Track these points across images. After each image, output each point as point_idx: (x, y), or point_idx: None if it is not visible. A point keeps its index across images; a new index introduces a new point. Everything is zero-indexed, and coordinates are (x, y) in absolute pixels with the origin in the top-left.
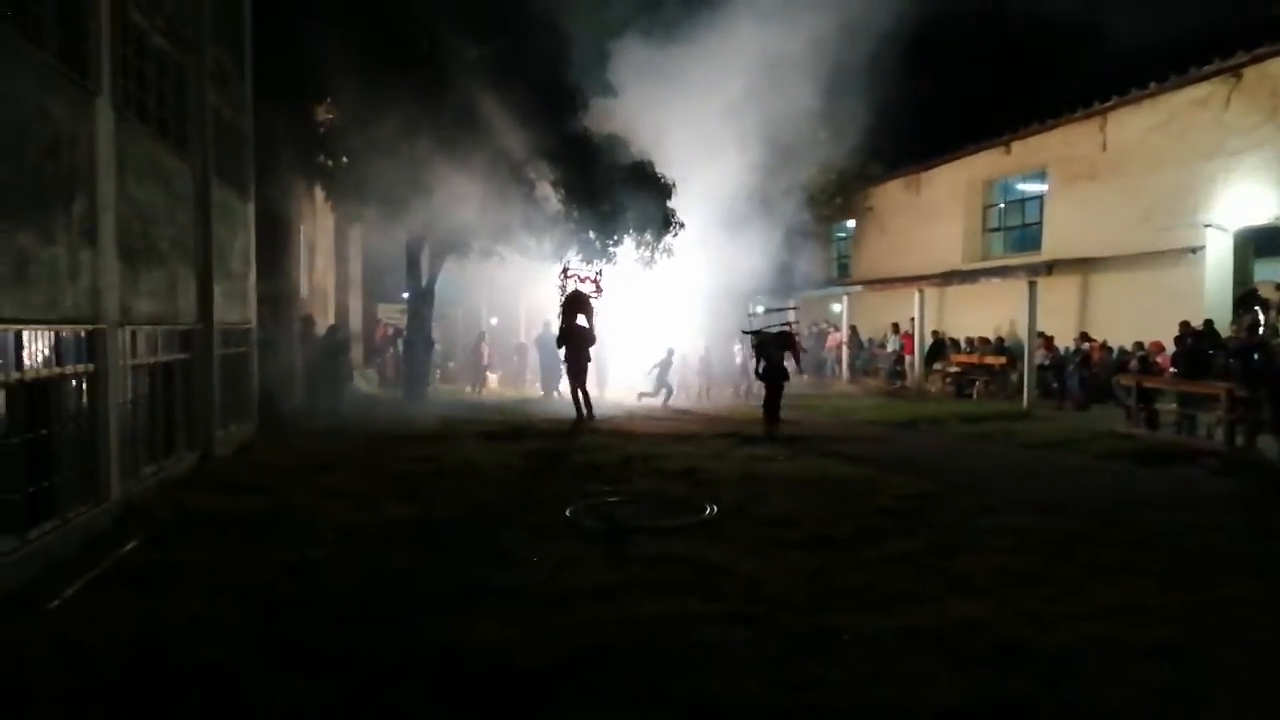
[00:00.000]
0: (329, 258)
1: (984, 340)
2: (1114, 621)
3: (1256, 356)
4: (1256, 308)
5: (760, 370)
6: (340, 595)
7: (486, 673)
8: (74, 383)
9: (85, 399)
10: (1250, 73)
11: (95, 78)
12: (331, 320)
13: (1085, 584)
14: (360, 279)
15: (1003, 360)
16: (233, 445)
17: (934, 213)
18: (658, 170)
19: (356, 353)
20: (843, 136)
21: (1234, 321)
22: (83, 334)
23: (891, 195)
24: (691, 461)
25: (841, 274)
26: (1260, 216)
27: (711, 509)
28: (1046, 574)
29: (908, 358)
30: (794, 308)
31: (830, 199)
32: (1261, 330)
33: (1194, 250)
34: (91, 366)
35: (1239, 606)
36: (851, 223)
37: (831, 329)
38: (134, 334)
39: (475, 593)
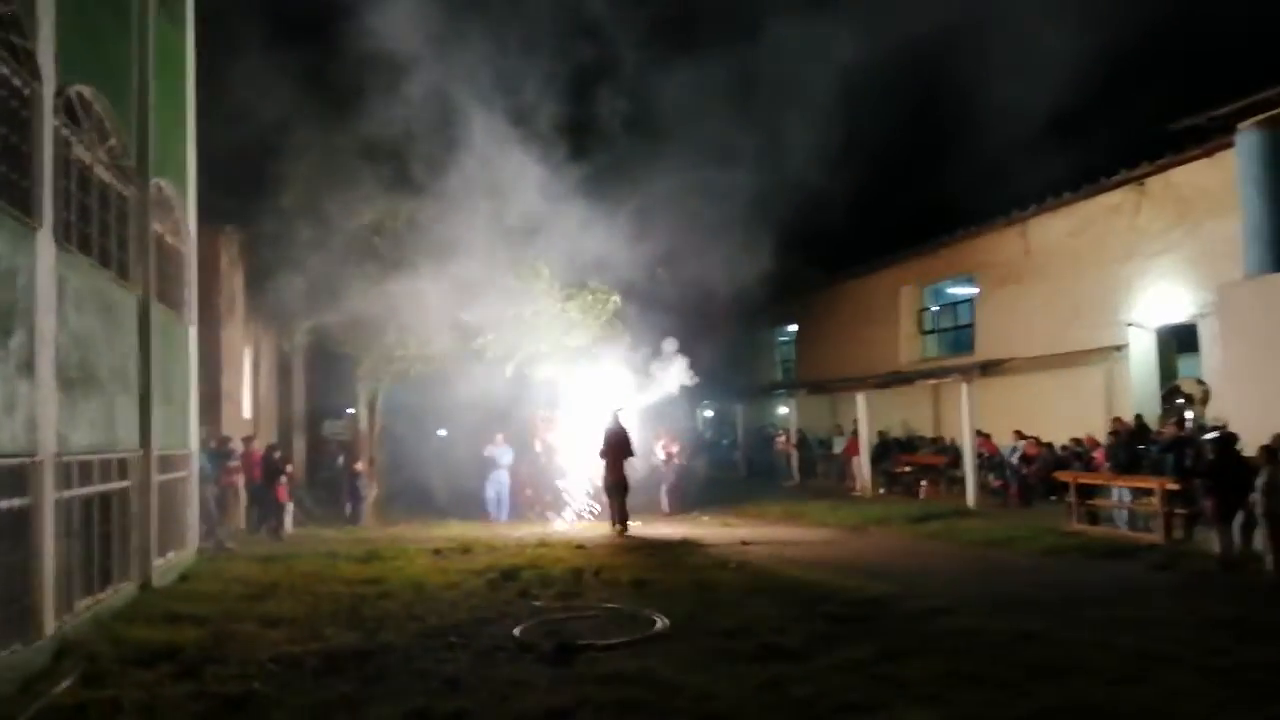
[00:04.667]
0: (270, 377)
1: (932, 440)
2: None
3: (1187, 451)
4: (1180, 401)
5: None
6: None
7: None
8: (8, 516)
9: (19, 533)
10: (1154, 182)
11: (38, 213)
12: (273, 440)
13: (1030, 685)
14: (304, 397)
15: (945, 459)
16: (172, 573)
17: (871, 317)
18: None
19: (299, 473)
20: (779, 244)
21: (1162, 417)
22: (18, 466)
23: (830, 299)
24: (640, 573)
25: (785, 376)
26: (1178, 315)
27: (663, 622)
28: (992, 675)
29: (854, 459)
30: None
31: (769, 305)
32: (1188, 425)
33: (1118, 348)
34: (27, 500)
35: (1183, 700)
36: (794, 327)
37: (780, 432)
38: (70, 465)
39: None
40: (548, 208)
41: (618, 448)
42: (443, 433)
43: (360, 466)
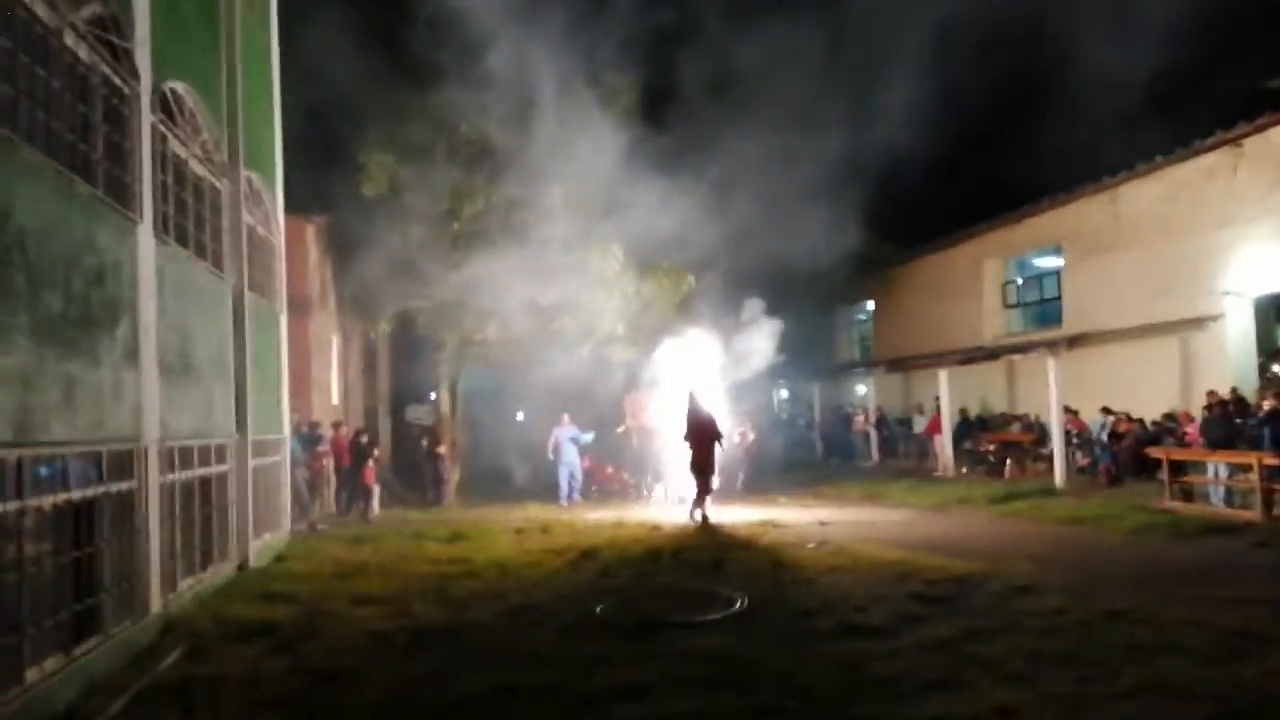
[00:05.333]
0: (357, 364)
1: (1014, 417)
2: (1148, 702)
3: None
4: (1277, 369)
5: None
6: (373, 702)
7: None
8: (116, 500)
9: (126, 515)
10: (1252, 143)
11: (137, 207)
12: (360, 425)
13: (1119, 665)
14: (389, 383)
15: (1032, 436)
16: (268, 554)
17: (953, 291)
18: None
19: (385, 456)
20: (858, 219)
21: (1260, 389)
22: (125, 452)
23: (910, 276)
24: (718, 553)
25: (863, 355)
26: (1278, 283)
27: (742, 601)
28: (1080, 655)
29: (936, 437)
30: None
31: (846, 282)
32: None
33: (1214, 319)
34: (134, 483)
35: (1277, 680)
36: (871, 304)
37: (858, 411)
38: (172, 450)
39: (507, 695)
40: (624, 182)
41: (700, 431)
42: (520, 416)
43: (442, 450)
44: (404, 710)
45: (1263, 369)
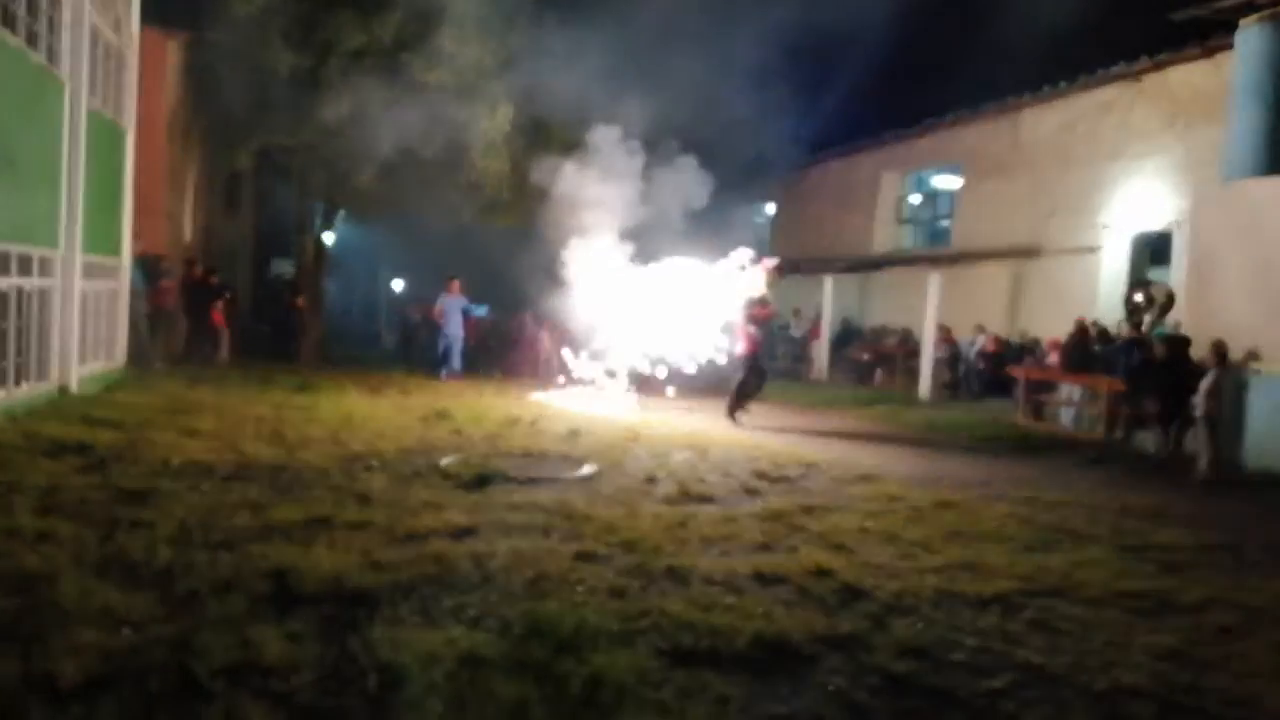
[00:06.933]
0: (218, 203)
1: (893, 330)
2: (957, 576)
3: (1138, 352)
4: (1141, 302)
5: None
6: (179, 522)
7: (316, 592)
8: None
9: None
10: (1151, 79)
11: None
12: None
13: (939, 545)
14: (253, 232)
15: (905, 349)
16: (96, 383)
17: (851, 201)
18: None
19: (244, 305)
20: (763, 117)
21: (1122, 320)
22: None
23: (811, 180)
24: (577, 422)
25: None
26: (1156, 222)
27: (592, 467)
28: (904, 535)
29: (814, 343)
30: None
31: (746, 180)
32: (1144, 327)
33: (1092, 250)
34: None
35: (1081, 569)
36: (771, 207)
37: None
38: None
39: (321, 526)
40: (520, 40)
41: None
42: (399, 283)
43: (300, 301)
44: (207, 531)
45: (1127, 299)
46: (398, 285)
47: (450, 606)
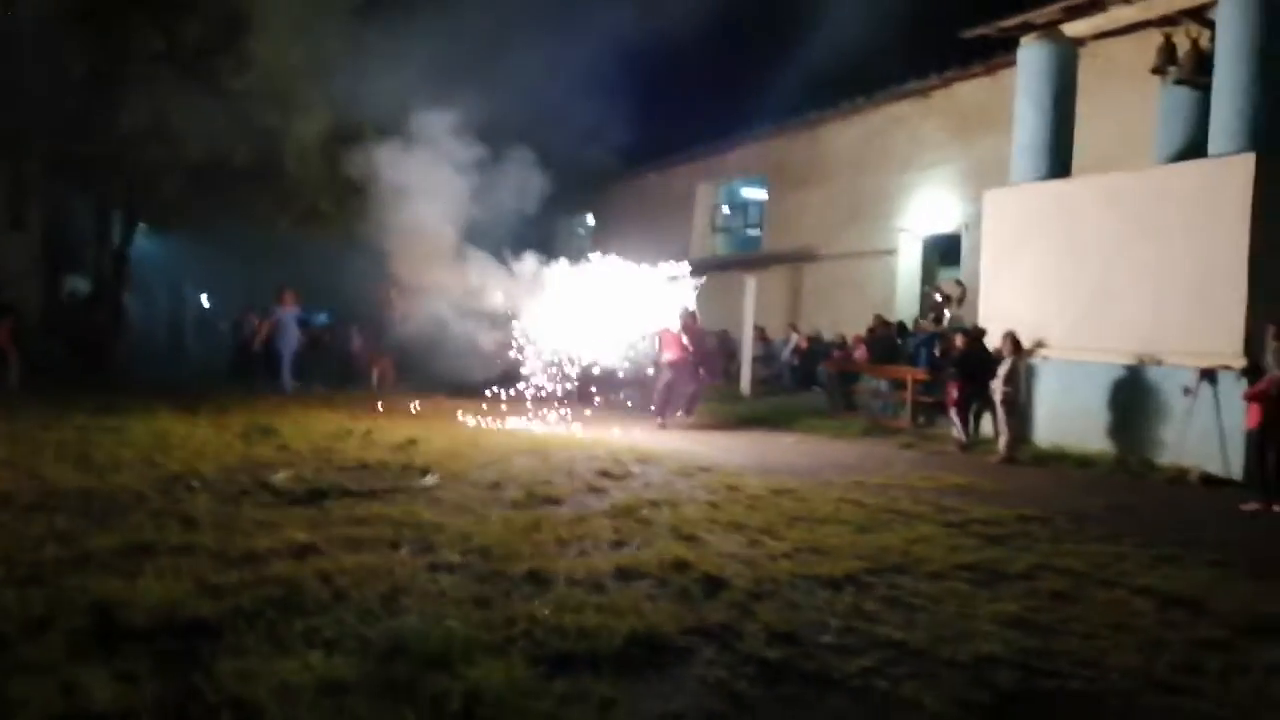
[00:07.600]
0: (3, 216)
1: (712, 333)
2: (807, 559)
3: (937, 345)
4: (938, 299)
5: None
6: None
7: (147, 625)
8: None
9: None
10: (939, 95)
11: None
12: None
13: (784, 531)
14: (41, 246)
15: (725, 349)
16: None
17: (669, 212)
18: None
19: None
20: (581, 128)
21: (921, 316)
22: None
23: (630, 192)
24: (411, 432)
25: None
26: (945, 226)
27: (433, 476)
28: (749, 523)
29: None
30: None
31: (566, 191)
32: (945, 323)
33: (890, 252)
34: None
35: (916, 546)
36: (591, 218)
37: None
38: None
39: (144, 553)
40: (337, 46)
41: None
42: (205, 299)
43: (101, 319)
44: (10, 566)
45: (927, 297)
46: (205, 301)
47: (301, 630)
